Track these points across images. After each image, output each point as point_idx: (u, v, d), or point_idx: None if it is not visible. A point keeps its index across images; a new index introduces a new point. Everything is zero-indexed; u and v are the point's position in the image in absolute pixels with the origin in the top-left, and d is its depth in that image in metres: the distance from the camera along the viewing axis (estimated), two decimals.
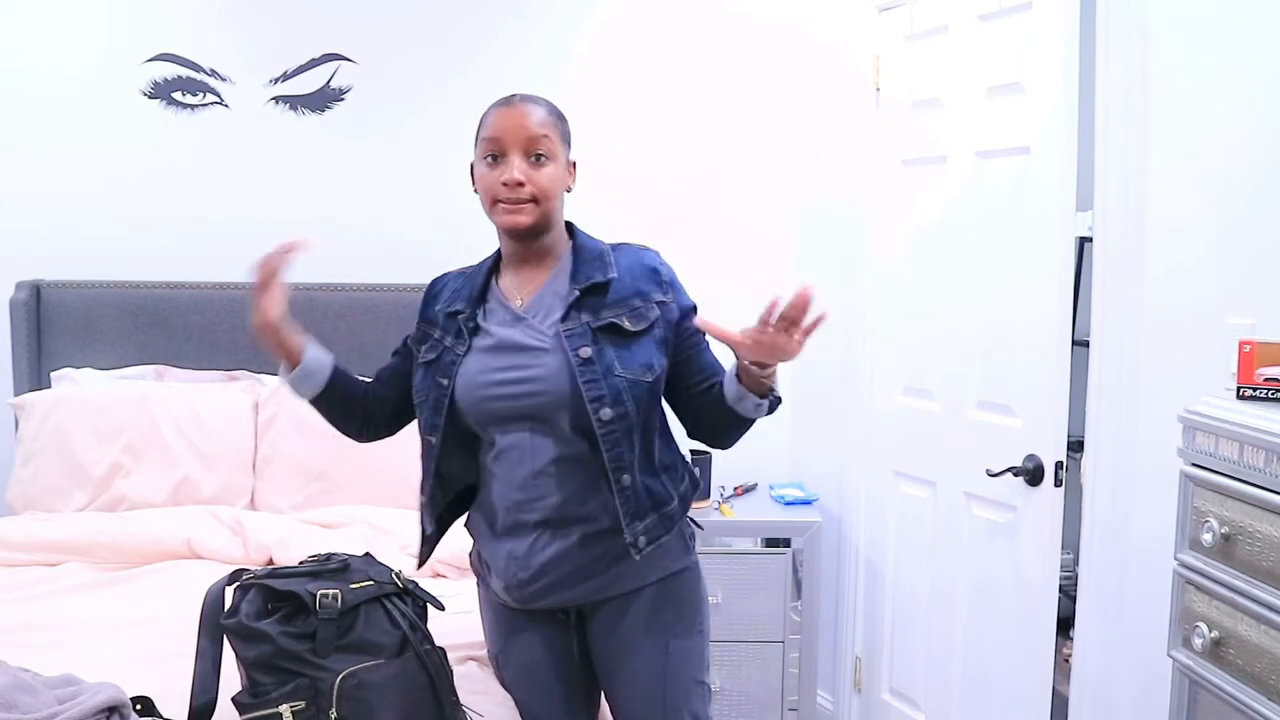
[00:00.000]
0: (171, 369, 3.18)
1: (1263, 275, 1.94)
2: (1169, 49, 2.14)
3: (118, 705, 1.61)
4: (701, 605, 1.90)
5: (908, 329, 2.88)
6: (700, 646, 1.89)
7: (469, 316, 1.86)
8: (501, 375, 1.79)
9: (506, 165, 1.81)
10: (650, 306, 1.84)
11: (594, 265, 1.87)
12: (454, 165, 3.35)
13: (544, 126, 1.85)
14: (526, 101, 1.88)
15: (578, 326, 1.79)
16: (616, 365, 1.77)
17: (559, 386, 1.75)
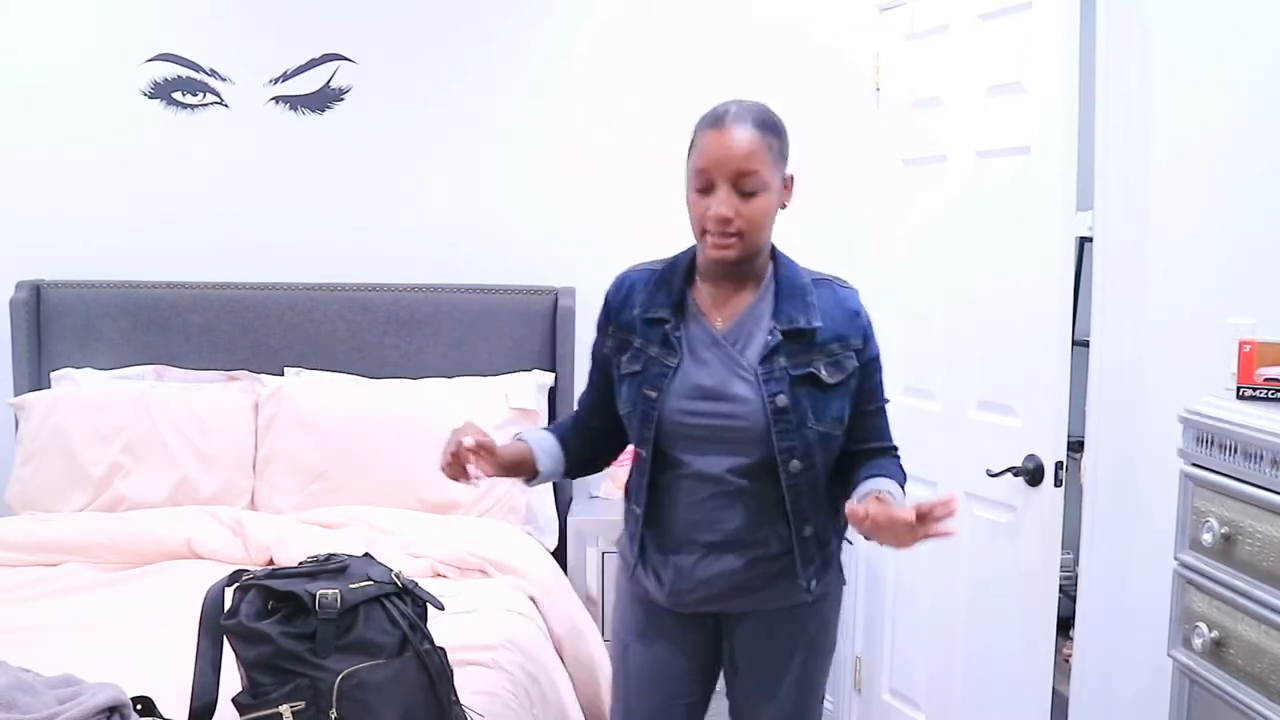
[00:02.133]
0: (171, 369, 3.18)
1: (1263, 275, 1.94)
2: (1169, 48, 2.14)
3: (118, 705, 1.61)
4: (837, 625, 1.95)
5: (908, 329, 2.88)
6: (829, 664, 1.95)
7: (675, 326, 1.80)
8: (705, 401, 1.76)
9: (715, 197, 1.71)
10: (849, 355, 1.81)
11: (797, 305, 1.81)
12: (454, 165, 3.37)
13: (752, 158, 1.70)
14: (736, 123, 1.72)
15: (776, 370, 1.75)
16: (810, 417, 1.76)
17: (756, 425, 1.74)
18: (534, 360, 3.24)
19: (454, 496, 2.92)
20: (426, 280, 3.28)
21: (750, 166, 1.70)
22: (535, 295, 3.27)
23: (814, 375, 1.76)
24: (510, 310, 3.25)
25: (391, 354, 3.24)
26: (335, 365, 3.22)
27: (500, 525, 2.91)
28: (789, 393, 1.74)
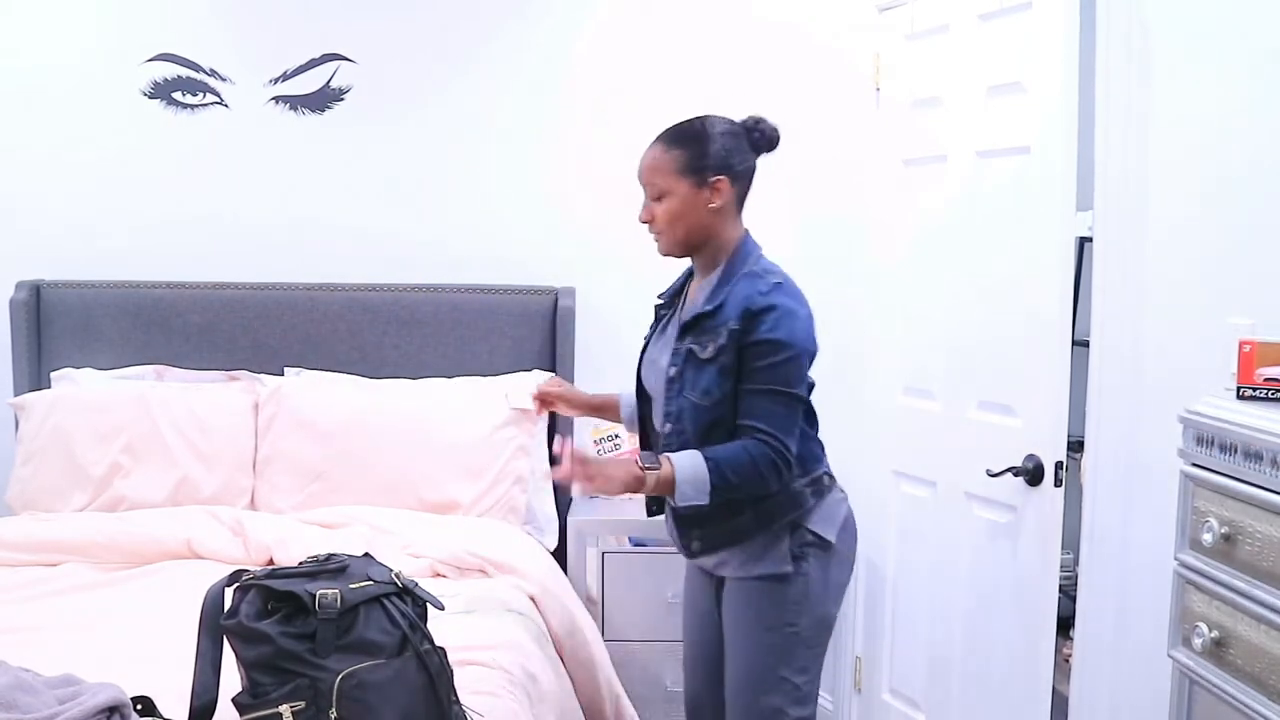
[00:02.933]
0: (171, 369, 3.18)
1: (1263, 275, 1.94)
2: (1169, 49, 2.14)
3: (118, 705, 1.61)
4: (802, 609, 2.06)
5: (908, 329, 2.88)
6: (788, 645, 2.06)
7: (666, 309, 2.20)
8: (648, 368, 2.18)
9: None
10: (724, 335, 1.99)
11: (716, 292, 2.05)
12: (454, 165, 3.37)
13: (652, 172, 2.09)
14: (653, 142, 2.12)
15: (680, 347, 2.06)
16: (687, 387, 2.02)
17: (660, 390, 2.11)
18: (534, 360, 3.24)
19: (454, 496, 2.93)
20: (426, 280, 3.28)
21: (651, 179, 2.09)
22: (535, 295, 3.27)
23: (694, 351, 2.02)
24: (510, 310, 3.25)
25: (391, 354, 3.24)
26: (335, 365, 3.22)
27: (500, 525, 2.91)
28: (680, 365, 2.04)
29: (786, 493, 2.04)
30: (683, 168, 2.04)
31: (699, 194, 2.04)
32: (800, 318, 2.02)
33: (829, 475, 2.16)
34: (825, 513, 2.11)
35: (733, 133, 2.06)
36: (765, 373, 1.97)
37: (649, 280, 3.36)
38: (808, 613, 2.07)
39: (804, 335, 2.02)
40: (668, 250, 2.12)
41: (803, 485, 2.07)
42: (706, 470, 1.93)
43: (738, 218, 2.12)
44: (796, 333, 2.00)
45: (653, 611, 2.97)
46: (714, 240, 2.08)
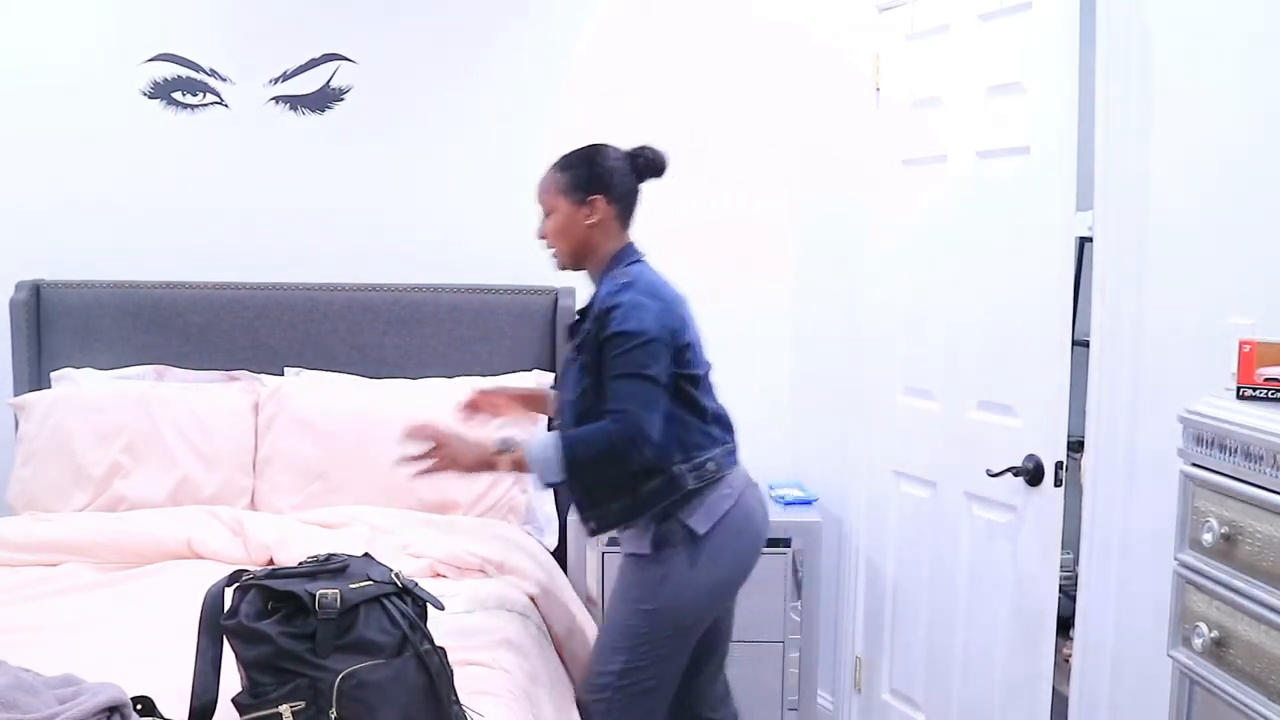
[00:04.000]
0: (171, 369, 3.18)
1: (1263, 275, 1.94)
2: (1169, 49, 2.14)
3: (118, 705, 1.61)
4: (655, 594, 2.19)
5: (908, 329, 2.88)
6: (633, 622, 2.21)
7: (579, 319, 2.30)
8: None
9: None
10: (579, 334, 2.21)
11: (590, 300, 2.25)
12: (454, 165, 3.36)
13: (542, 190, 2.29)
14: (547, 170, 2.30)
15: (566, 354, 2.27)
16: (565, 386, 2.23)
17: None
18: (534, 360, 3.24)
19: (453, 496, 2.93)
20: (426, 280, 3.28)
21: (541, 198, 2.29)
22: (535, 295, 3.26)
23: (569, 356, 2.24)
24: (510, 310, 3.25)
25: (391, 354, 3.24)
26: (335, 365, 3.22)
27: (500, 525, 2.91)
28: (562, 370, 2.27)
29: (666, 475, 2.16)
30: (565, 188, 2.25)
31: (578, 211, 2.23)
32: (649, 309, 2.12)
33: (715, 463, 2.22)
34: (705, 506, 2.19)
35: (615, 157, 2.27)
36: (618, 361, 2.09)
37: None
38: (659, 599, 2.19)
39: (653, 323, 2.10)
40: (561, 265, 2.31)
41: (685, 469, 2.18)
42: (560, 448, 2.09)
43: (620, 233, 2.28)
44: (645, 321, 2.10)
45: None
46: (595, 254, 2.27)
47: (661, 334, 2.11)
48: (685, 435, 2.19)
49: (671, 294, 2.22)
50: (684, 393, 2.20)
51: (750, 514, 2.29)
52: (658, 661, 2.22)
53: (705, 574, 2.21)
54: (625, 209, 2.28)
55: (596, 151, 2.27)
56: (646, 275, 2.22)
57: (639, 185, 2.30)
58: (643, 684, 2.22)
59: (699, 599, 2.24)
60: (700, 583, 2.22)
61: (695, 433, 2.21)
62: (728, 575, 2.28)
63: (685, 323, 2.22)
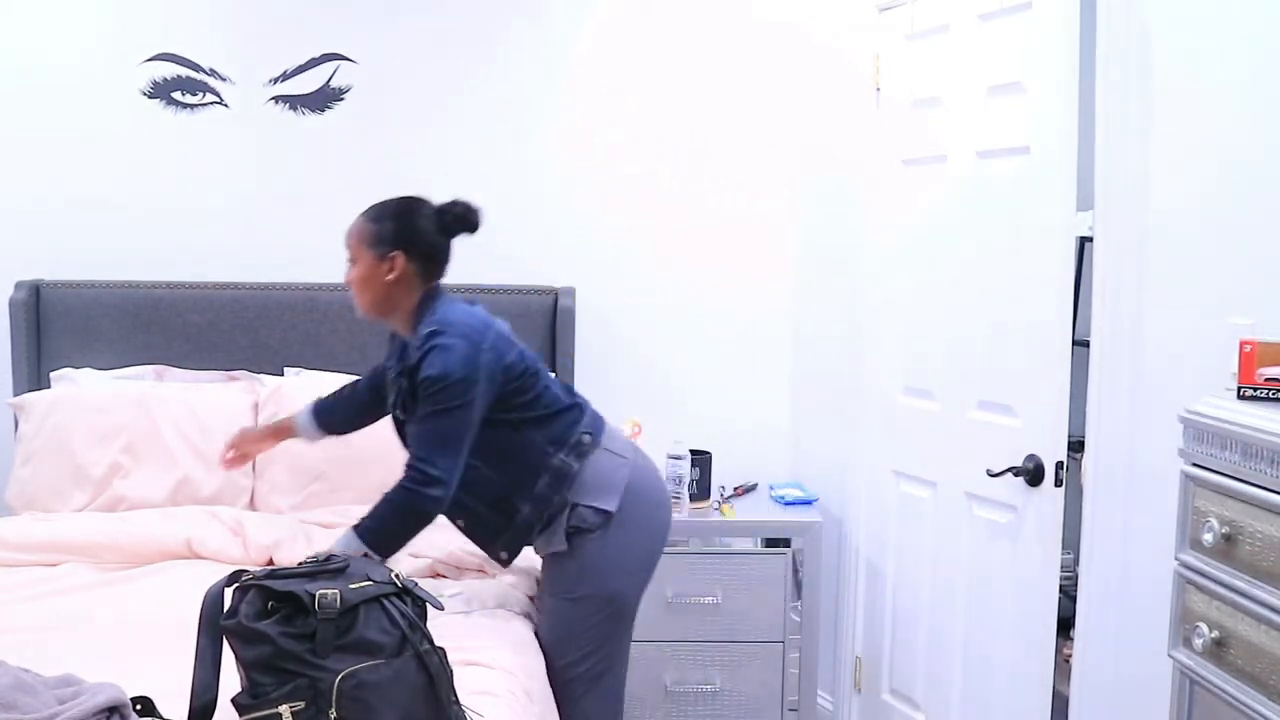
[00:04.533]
0: (171, 369, 3.18)
1: (1263, 275, 1.94)
2: (1169, 49, 2.14)
3: (118, 705, 1.61)
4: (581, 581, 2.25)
5: (908, 329, 2.88)
6: (570, 613, 2.26)
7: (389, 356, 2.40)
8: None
9: None
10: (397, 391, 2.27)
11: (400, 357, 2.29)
12: (454, 165, 3.36)
13: (349, 238, 2.33)
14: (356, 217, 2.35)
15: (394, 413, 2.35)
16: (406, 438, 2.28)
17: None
18: None
19: None
20: None
21: (348, 245, 2.32)
22: (535, 295, 3.26)
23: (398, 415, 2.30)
24: (510, 310, 3.22)
25: None
26: (335, 365, 3.22)
27: None
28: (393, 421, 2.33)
29: (549, 472, 2.22)
30: (369, 240, 2.28)
31: (380, 265, 2.26)
32: (455, 349, 2.14)
33: (588, 433, 2.27)
34: (597, 481, 2.24)
35: (424, 214, 2.29)
36: (425, 404, 2.14)
37: (649, 280, 3.38)
38: (585, 584, 2.24)
39: (456, 363, 2.13)
40: (362, 313, 2.34)
41: (564, 457, 2.24)
42: (359, 542, 2.10)
43: (420, 288, 2.29)
44: (449, 364, 2.13)
45: (652, 611, 2.97)
46: (395, 309, 2.29)
47: (471, 372, 2.14)
48: (548, 429, 2.25)
49: (478, 324, 2.23)
50: (528, 400, 2.25)
51: (649, 475, 2.35)
52: (602, 644, 2.28)
53: (622, 549, 2.27)
54: (428, 266, 2.29)
55: (406, 207, 2.30)
56: (450, 316, 2.22)
57: (448, 242, 2.32)
58: (595, 670, 2.27)
59: (623, 575, 2.29)
60: (619, 559, 2.27)
61: (553, 423, 2.26)
62: (644, 545, 2.32)
63: (499, 345, 2.23)
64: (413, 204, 2.31)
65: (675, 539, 3.04)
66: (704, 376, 3.39)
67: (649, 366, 3.39)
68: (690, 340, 3.39)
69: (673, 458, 3.00)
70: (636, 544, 2.29)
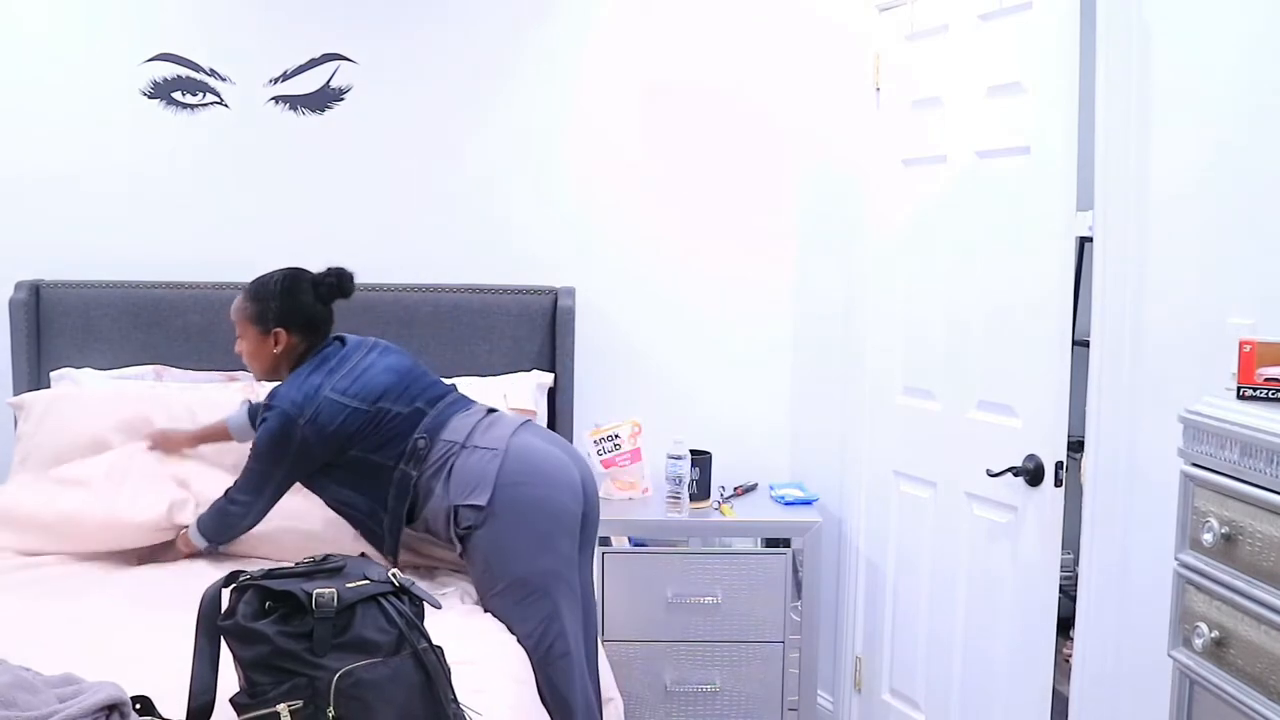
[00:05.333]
0: (171, 369, 3.18)
1: (1263, 275, 1.94)
2: (1169, 49, 2.14)
3: (117, 704, 1.61)
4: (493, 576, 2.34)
5: (908, 329, 2.88)
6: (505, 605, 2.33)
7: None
8: None
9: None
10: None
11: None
12: (454, 165, 3.36)
13: (234, 314, 2.57)
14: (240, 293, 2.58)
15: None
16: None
17: None
18: (534, 360, 3.24)
19: None
20: (426, 280, 3.27)
21: (233, 319, 2.57)
22: (535, 295, 3.26)
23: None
24: (510, 310, 3.25)
25: None
26: None
27: None
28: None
29: (392, 484, 2.40)
30: (252, 318, 2.53)
31: (265, 340, 2.52)
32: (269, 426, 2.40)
33: (423, 439, 2.41)
34: (467, 480, 2.34)
35: (301, 290, 2.52)
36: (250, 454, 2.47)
37: (649, 280, 3.38)
38: (496, 575, 2.33)
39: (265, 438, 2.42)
40: (259, 378, 2.67)
41: (404, 467, 2.40)
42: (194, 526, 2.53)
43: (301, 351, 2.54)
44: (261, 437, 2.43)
45: (652, 611, 2.97)
46: (280, 372, 2.55)
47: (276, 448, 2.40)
48: (382, 451, 2.41)
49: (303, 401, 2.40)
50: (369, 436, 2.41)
51: (531, 456, 2.40)
52: (548, 624, 2.32)
53: (514, 532, 2.33)
54: (308, 335, 2.54)
55: (286, 285, 2.52)
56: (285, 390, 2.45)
57: (327, 308, 2.56)
58: (543, 646, 2.31)
59: (526, 555, 2.33)
60: (512, 544, 2.34)
61: (388, 445, 2.41)
62: (536, 524, 2.36)
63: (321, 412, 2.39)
64: (292, 280, 2.53)
65: (675, 539, 3.05)
66: (704, 376, 3.39)
67: (649, 366, 3.39)
68: (690, 340, 3.39)
69: (673, 458, 2.99)
70: (525, 525, 2.34)
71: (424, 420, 2.44)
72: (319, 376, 2.45)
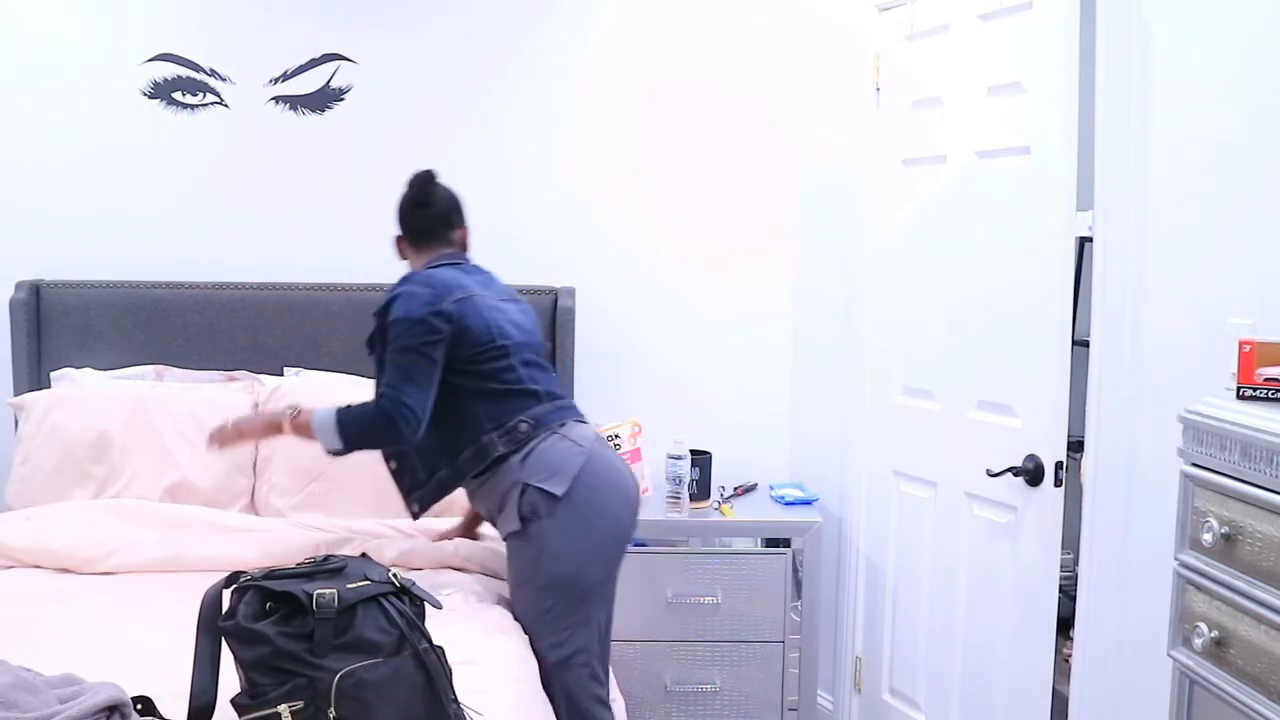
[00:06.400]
0: (171, 369, 3.18)
1: (1263, 275, 1.94)
2: (1169, 49, 2.14)
3: (118, 704, 1.61)
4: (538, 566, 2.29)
5: (908, 329, 2.88)
6: (535, 597, 2.31)
7: None
8: None
9: None
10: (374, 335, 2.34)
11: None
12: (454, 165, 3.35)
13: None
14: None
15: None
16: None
17: None
18: None
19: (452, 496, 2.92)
20: None
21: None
22: (535, 295, 3.26)
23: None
24: None
25: None
26: (335, 365, 3.22)
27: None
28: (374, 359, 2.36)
29: (476, 444, 2.30)
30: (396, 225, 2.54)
31: (398, 248, 2.56)
32: (418, 295, 2.28)
33: (528, 423, 2.31)
34: (545, 466, 2.28)
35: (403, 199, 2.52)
36: (390, 341, 2.26)
37: (649, 280, 3.38)
38: (543, 570, 2.28)
39: (419, 306, 2.26)
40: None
41: (494, 436, 2.30)
42: (335, 418, 2.24)
43: (421, 255, 2.50)
44: (411, 306, 2.26)
45: (652, 611, 2.98)
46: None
47: (425, 315, 2.25)
48: (490, 405, 2.31)
49: (450, 284, 2.32)
50: (483, 370, 2.31)
51: (608, 468, 2.37)
52: (570, 626, 2.30)
53: (578, 534, 2.29)
54: (416, 240, 2.51)
55: (402, 196, 2.53)
56: (425, 272, 2.39)
57: (425, 213, 2.50)
58: (566, 651, 2.30)
59: (581, 559, 2.30)
60: (576, 543, 2.29)
61: (500, 400, 2.32)
62: (601, 531, 2.33)
63: (465, 307, 2.30)
64: (404, 191, 2.53)
65: (675, 539, 3.05)
66: (704, 376, 3.39)
67: (649, 366, 3.39)
68: (690, 340, 3.39)
69: (673, 458, 2.99)
70: (592, 529, 2.31)
71: (546, 404, 2.35)
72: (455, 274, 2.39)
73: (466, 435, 2.32)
